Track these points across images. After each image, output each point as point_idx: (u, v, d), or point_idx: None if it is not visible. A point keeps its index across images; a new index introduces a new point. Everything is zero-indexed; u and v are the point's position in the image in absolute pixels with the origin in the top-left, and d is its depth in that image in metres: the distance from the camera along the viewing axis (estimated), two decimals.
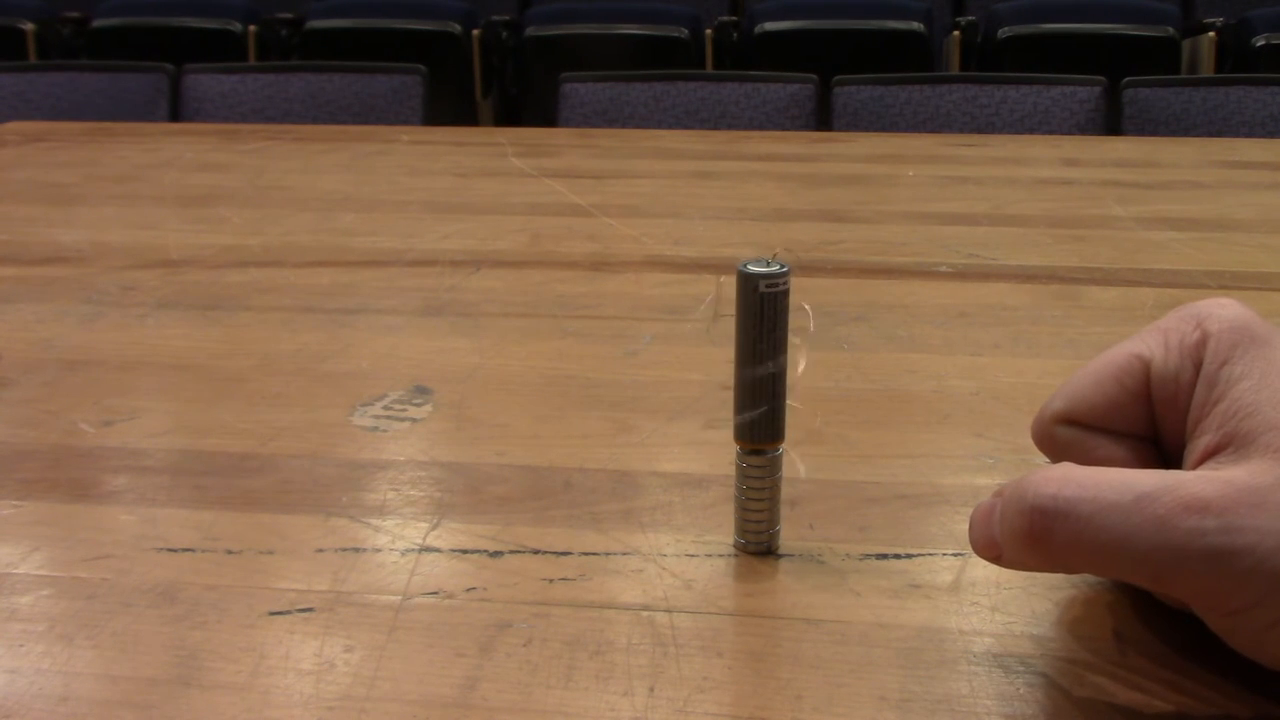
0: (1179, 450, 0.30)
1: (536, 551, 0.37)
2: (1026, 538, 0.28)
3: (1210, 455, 0.28)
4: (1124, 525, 0.26)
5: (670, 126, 1.87)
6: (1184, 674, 0.30)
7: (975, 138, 1.19)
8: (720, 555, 0.36)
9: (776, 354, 0.33)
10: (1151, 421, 0.31)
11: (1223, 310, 0.30)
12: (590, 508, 0.39)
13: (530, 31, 2.88)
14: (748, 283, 0.33)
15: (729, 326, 0.34)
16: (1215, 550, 0.25)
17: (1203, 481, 0.26)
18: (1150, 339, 0.31)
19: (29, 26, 3.04)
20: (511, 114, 3.27)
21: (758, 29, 2.82)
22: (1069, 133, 1.79)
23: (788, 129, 1.84)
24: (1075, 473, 0.28)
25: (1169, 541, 0.26)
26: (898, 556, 0.36)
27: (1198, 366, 0.29)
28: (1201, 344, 0.29)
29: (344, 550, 0.37)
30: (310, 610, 0.33)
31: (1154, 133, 1.80)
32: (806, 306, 0.57)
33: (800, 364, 0.52)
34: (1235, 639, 0.27)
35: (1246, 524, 0.25)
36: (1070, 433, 0.32)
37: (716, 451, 0.44)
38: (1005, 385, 0.50)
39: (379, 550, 0.37)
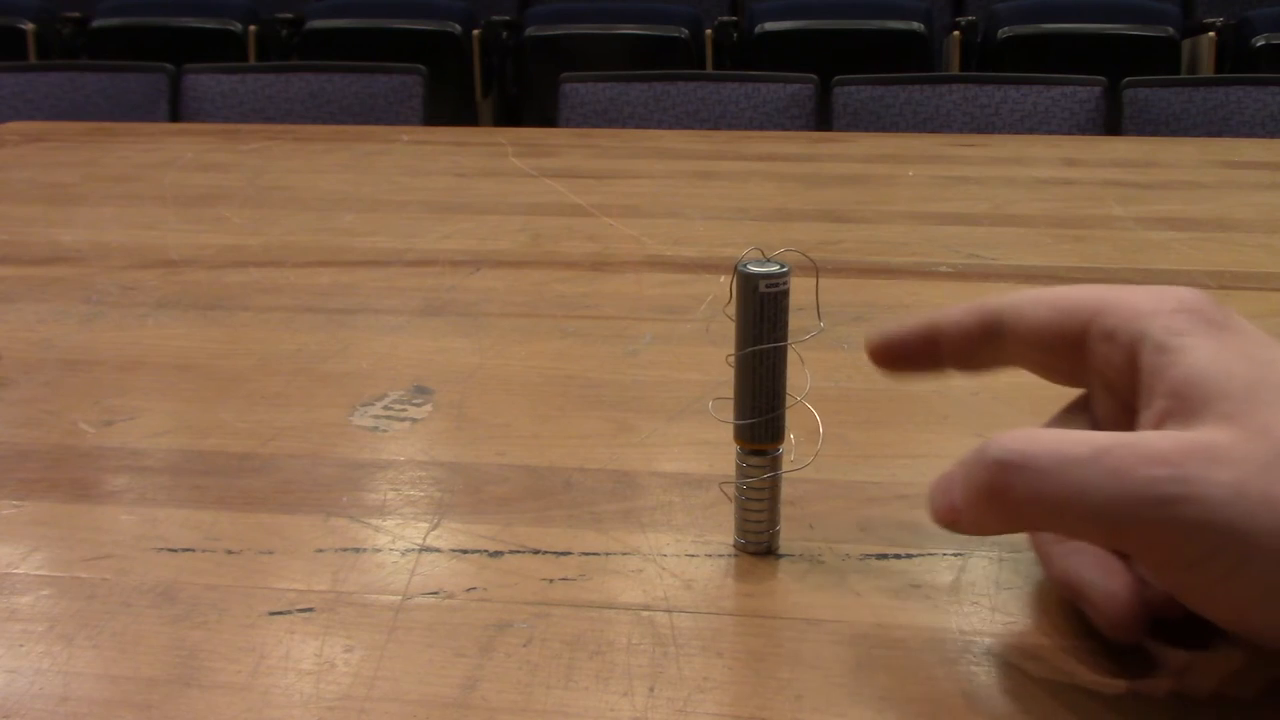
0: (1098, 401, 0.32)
1: (536, 551, 0.37)
2: (986, 491, 0.28)
3: (1161, 422, 0.28)
4: (1082, 476, 0.27)
5: (670, 126, 1.87)
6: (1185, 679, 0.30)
7: (975, 138, 1.19)
8: (720, 555, 0.36)
9: (776, 354, 0.33)
10: (1071, 372, 0.32)
11: (1181, 293, 0.30)
12: (590, 508, 0.39)
13: (530, 31, 2.88)
14: (748, 283, 0.33)
15: (730, 323, 0.34)
16: (1168, 498, 0.26)
17: (1161, 438, 0.27)
18: (1106, 294, 0.32)
19: (29, 26, 3.04)
20: (511, 114, 3.27)
21: (758, 29, 2.83)
22: (1069, 133, 1.79)
23: (788, 129, 1.84)
24: (1039, 432, 0.28)
25: (1124, 490, 0.26)
26: (898, 556, 0.36)
27: (1141, 333, 0.30)
28: (1154, 315, 0.30)
29: (344, 550, 0.37)
30: (310, 610, 0.33)
31: (1154, 133, 1.80)
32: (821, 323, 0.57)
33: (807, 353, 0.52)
34: (1188, 597, 0.27)
35: (1199, 475, 0.26)
36: (985, 320, 0.34)
37: (716, 451, 0.44)
38: (1005, 385, 0.50)
39: (379, 550, 0.37)
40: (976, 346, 0.35)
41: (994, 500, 0.28)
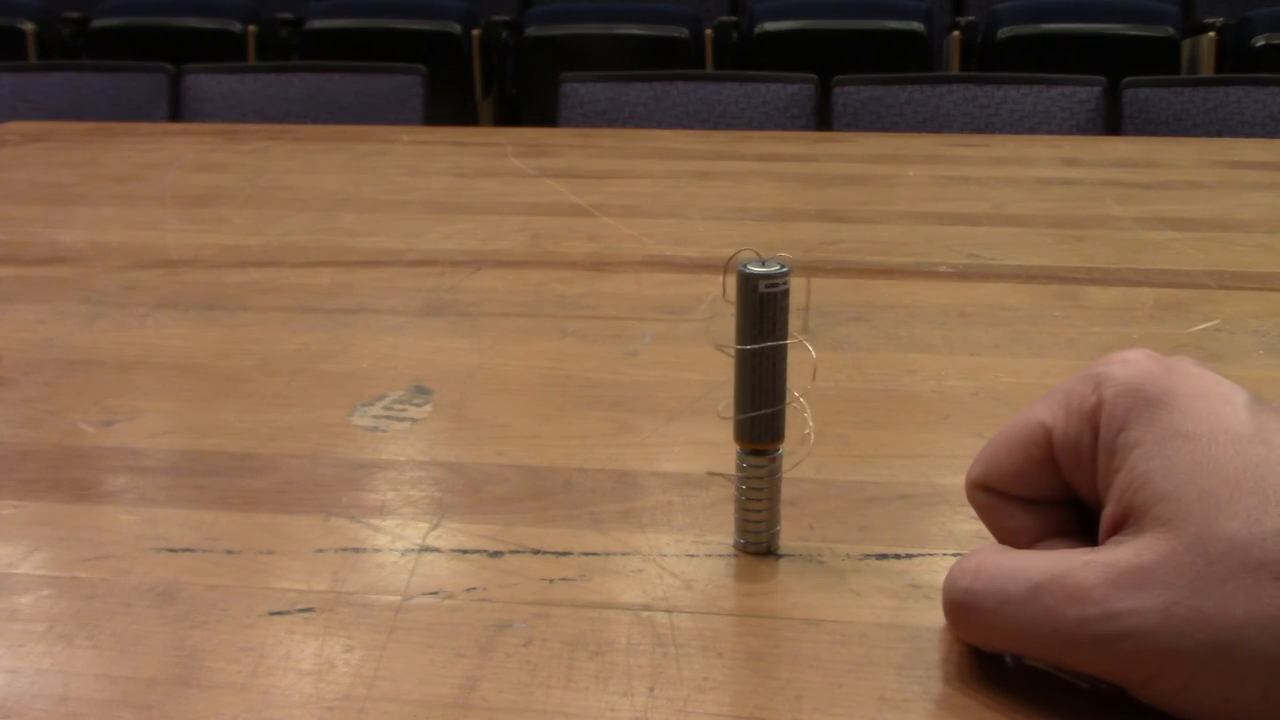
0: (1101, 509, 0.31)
1: (536, 551, 0.37)
2: (953, 626, 0.31)
3: (1115, 528, 0.28)
4: (1021, 616, 0.28)
5: (670, 126, 1.87)
6: None
7: (975, 138, 1.19)
8: (720, 555, 0.36)
9: (776, 355, 0.33)
10: (1063, 485, 0.31)
11: (1121, 370, 0.29)
12: (590, 508, 0.39)
13: (530, 31, 2.88)
14: (748, 283, 0.33)
15: (729, 324, 0.34)
16: (1100, 637, 0.26)
17: (1086, 569, 0.27)
18: (1054, 404, 0.31)
19: (29, 26, 3.04)
20: (511, 114, 3.27)
21: (758, 29, 2.82)
22: (1069, 133, 1.79)
23: (788, 129, 1.84)
24: (986, 563, 0.29)
25: (1059, 631, 0.27)
26: (898, 556, 0.36)
27: (1096, 432, 0.29)
28: (1097, 409, 0.29)
29: (344, 550, 0.37)
30: (310, 610, 0.33)
31: (1154, 133, 1.80)
32: (809, 327, 0.57)
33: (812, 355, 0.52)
34: (1157, 705, 0.27)
35: (1126, 607, 0.26)
36: (986, 498, 0.33)
37: (716, 451, 0.44)
38: (1005, 385, 0.50)
39: (379, 550, 0.37)
40: (987, 515, 0.33)
41: (962, 633, 0.31)
